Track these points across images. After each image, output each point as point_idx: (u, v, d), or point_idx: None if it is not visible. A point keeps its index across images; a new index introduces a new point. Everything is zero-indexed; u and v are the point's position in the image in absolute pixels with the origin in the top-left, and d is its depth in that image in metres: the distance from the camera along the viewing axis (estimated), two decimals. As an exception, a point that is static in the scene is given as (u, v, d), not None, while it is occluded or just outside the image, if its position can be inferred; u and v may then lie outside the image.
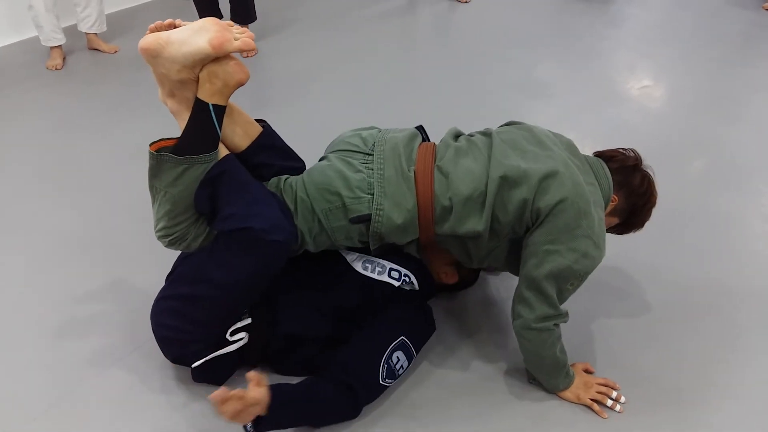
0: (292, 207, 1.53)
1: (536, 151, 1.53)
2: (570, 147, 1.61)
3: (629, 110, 2.99)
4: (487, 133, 1.64)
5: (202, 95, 1.41)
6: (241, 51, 1.39)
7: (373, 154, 1.56)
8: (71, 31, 3.70)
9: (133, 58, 3.60)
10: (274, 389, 1.42)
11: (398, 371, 1.56)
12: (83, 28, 3.62)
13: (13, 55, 3.68)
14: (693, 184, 2.45)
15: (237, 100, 1.55)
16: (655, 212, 2.22)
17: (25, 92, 3.23)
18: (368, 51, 3.66)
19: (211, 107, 1.41)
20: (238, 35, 1.39)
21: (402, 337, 1.57)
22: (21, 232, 2.23)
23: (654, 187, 1.66)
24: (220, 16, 3.60)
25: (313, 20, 4.07)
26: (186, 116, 1.44)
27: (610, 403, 1.58)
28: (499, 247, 1.57)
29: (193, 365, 1.55)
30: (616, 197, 1.61)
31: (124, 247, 2.12)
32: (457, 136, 1.68)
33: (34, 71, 3.45)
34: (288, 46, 3.71)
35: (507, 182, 1.47)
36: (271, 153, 1.62)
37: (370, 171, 1.53)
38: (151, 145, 1.42)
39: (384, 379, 1.53)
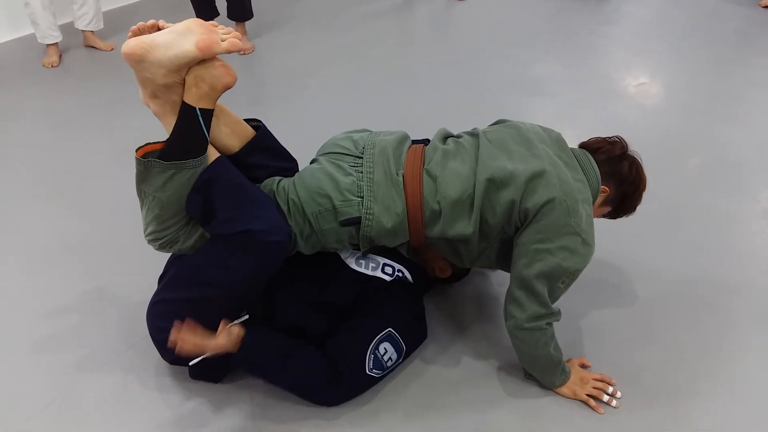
0: (284, 209, 1.52)
1: (523, 151, 1.53)
2: (558, 142, 1.62)
3: (626, 107, 2.99)
4: (474, 134, 1.64)
5: (189, 99, 1.39)
6: (228, 52, 1.36)
7: (362, 157, 1.56)
8: (68, 29, 3.70)
9: (129, 55, 3.58)
10: (254, 333, 1.50)
11: (386, 363, 1.57)
12: (80, 25, 3.61)
13: (10, 52, 3.67)
14: (690, 180, 2.45)
15: (234, 98, 1.55)
16: (652, 209, 2.22)
17: (21, 90, 3.22)
18: (365, 48, 3.66)
19: (198, 112, 1.39)
20: (225, 36, 1.37)
21: (389, 329, 1.57)
22: (18, 230, 2.23)
23: (642, 172, 1.67)
24: (216, 14, 3.60)
25: (310, 17, 4.07)
26: (171, 119, 1.42)
27: (606, 398, 1.59)
28: (489, 247, 1.57)
29: (190, 363, 1.55)
30: (606, 188, 1.62)
31: (121, 245, 2.12)
32: (445, 138, 1.68)
33: (30, 69, 3.45)
34: (285, 43, 3.71)
35: (494, 184, 1.47)
36: (265, 154, 1.61)
37: (360, 174, 1.52)
38: (137, 150, 1.40)
39: (371, 369, 1.54)
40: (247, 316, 1.57)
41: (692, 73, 3.33)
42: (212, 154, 1.47)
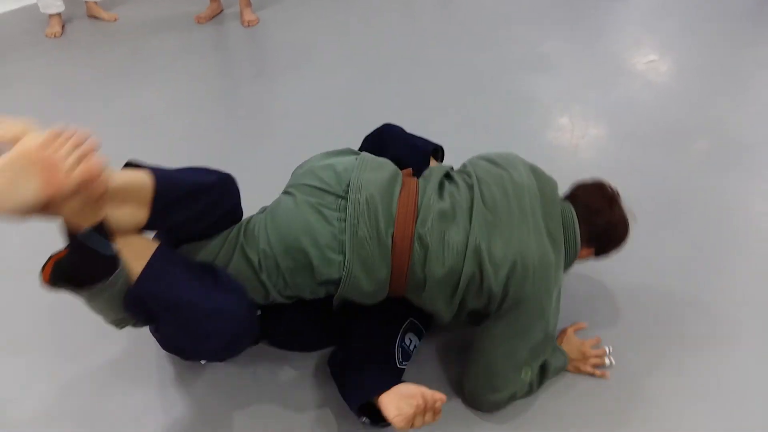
0: (255, 261, 1.36)
1: (513, 224, 1.42)
2: (551, 203, 1.48)
3: (635, 85, 2.95)
4: (469, 185, 1.50)
5: (68, 222, 1.11)
6: (84, 182, 1.04)
7: (346, 198, 1.39)
8: (70, -1, 3.66)
9: (133, 26, 3.56)
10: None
11: (412, 351, 1.55)
12: (82, -5, 3.57)
13: (12, 22, 3.64)
14: (699, 160, 2.42)
15: (239, 71, 1.52)
16: (660, 190, 2.21)
17: (23, 60, 3.20)
18: (370, 24, 3.61)
19: (85, 236, 1.12)
20: (72, 160, 1.02)
21: (410, 318, 1.56)
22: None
23: (629, 229, 1.60)
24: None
25: (316, -10, 4.02)
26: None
27: (606, 362, 1.62)
28: (460, 317, 1.52)
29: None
30: (590, 250, 1.58)
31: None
32: (441, 182, 1.51)
33: (33, 39, 3.42)
34: (290, 16, 3.67)
35: (481, 271, 1.39)
36: (179, 207, 1.27)
37: (342, 223, 1.37)
38: (42, 270, 1.17)
39: (401, 363, 1.52)
40: (258, 312, 1.51)
41: (703, 52, 3.28)
42: (126, 249, 1.20)
